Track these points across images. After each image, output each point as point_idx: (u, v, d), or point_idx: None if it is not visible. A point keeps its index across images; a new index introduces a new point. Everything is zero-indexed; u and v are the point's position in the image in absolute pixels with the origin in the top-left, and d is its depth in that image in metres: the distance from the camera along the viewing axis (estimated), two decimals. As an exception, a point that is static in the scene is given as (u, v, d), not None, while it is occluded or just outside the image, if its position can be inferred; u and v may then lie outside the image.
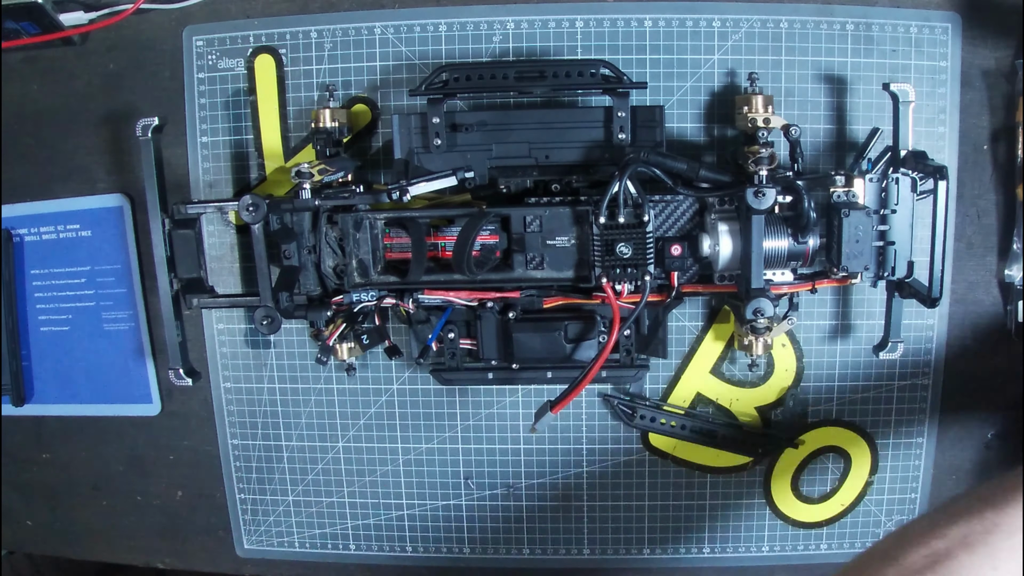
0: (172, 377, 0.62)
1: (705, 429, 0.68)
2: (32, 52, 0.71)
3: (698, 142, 0.66)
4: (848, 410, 0.69)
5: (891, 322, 0.62)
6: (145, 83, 0.70)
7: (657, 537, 0.72)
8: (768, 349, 0.61)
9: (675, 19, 0.65)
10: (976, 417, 0.69)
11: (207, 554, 0.77)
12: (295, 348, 0.71)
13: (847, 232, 0.56)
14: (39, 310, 0.75)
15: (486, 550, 0.73)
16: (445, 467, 0.72)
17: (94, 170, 0.72)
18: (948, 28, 0.64)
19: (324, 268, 0.60)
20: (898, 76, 0.64)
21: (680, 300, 0.61)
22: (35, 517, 0.80)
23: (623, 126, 0.60)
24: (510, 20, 0.66)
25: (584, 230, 0.57)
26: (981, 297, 0.68)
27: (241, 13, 0.68)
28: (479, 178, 0.61)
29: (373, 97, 0.67)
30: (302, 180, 0.56)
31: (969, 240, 0.67)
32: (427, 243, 0.58)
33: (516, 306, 0.61)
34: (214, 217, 0.69)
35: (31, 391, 0.76)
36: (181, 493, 0.76)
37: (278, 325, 0.57)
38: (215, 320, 0.72)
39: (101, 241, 0.73)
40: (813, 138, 0.65)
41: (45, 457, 0.78)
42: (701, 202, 0.59)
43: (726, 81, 0.65)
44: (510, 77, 0.59)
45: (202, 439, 0.74)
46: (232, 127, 0.69)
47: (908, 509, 0.70)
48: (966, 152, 0.66)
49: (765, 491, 0.71)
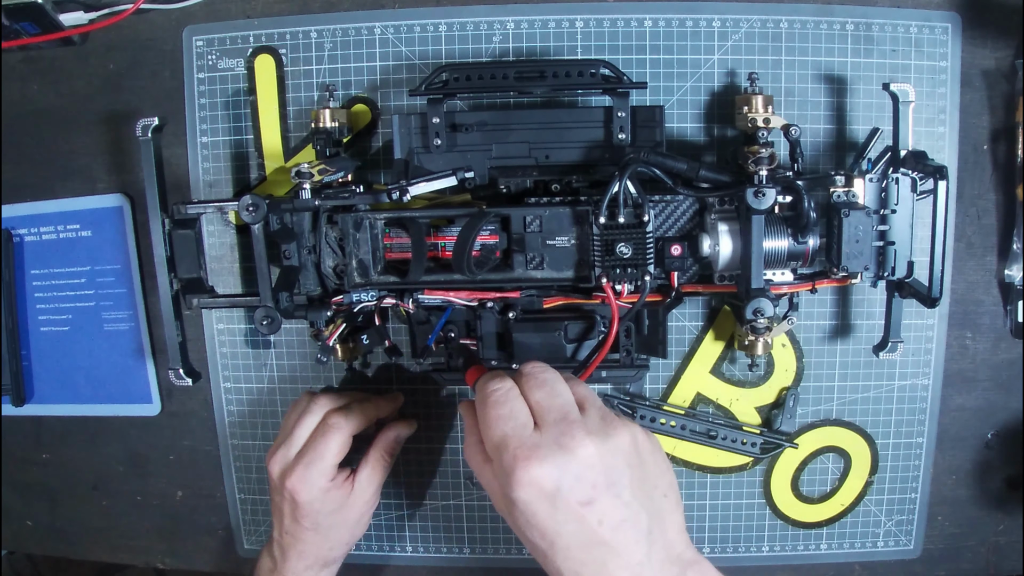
0: (172, 377, 0.62)
1: (705, 429, 0.68)
2: (32, 52, 0.71)
3: (698, 142, 0.66)
4: (848, 410, 0.69)
5: (891, 322, 0.62)
6: (145, 83, 0.70)
7: (657, 537, 0.72)
8: (768, 349, 0.61)
9: (675, 19, 0.65)
10: (976, 417, 0.69)
11: (207, 554, 0.77)
12: (295, 348, 0.71)
13: (847, 232, 0.56)
14: (39, 310, 0.75)
15: (486, 550, 0.73)
16: (445, 467, 0.72)
17: (94, 170, 0.72)
18: (948, 28, 0.64)
19: (324, 268, 0.60)
20: (898, 76, 0.64)
21: (680, 300, 0.61)
22: (35, 517, 0.80)
23: (623, 126, 0.60)
24: (510, 20, 0.66)
25: (584, 230, 0.57)
26: (981, 297, 0.68)
27: (241, 13, 0.68)
28: (479, 178, 0.61)
29: (373, 97, 0.67)
30: (302, 180, 0.56)
31: (969, 240, 0.67)
32: (427, 243, 0.58)
33: (516, 306, 0.61)
34: (214, 217, 0.69)
35: (31, 391, 0.76)
36: (181, 493, 0.76)
37: (278, 325, 0.57)
38: (215, 320, 0.72)
39: (101, 241, 0.73)
40: (813, 138, 0.65)
41: (45, 457, 0.78)
42: (701, 202, 0.59)
43: (726, 81, 0.65)
44: (510, 77, 0.59)
45: (202, 439, 0.74)
46: (232, 127, 0.69)
47: (908, 509, 0.70)
48: (966, 152, 0.66)
49: (765, 491, 0.71)
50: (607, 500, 0.45)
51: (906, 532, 0.71)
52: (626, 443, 0.47)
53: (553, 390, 0.49)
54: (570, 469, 0.45)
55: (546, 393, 0.49)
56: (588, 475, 0.45)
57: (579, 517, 0.44)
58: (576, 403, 0.49)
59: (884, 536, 0.71)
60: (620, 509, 0.45)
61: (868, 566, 0.72)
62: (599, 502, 0.44)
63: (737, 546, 0.72)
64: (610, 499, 0.45)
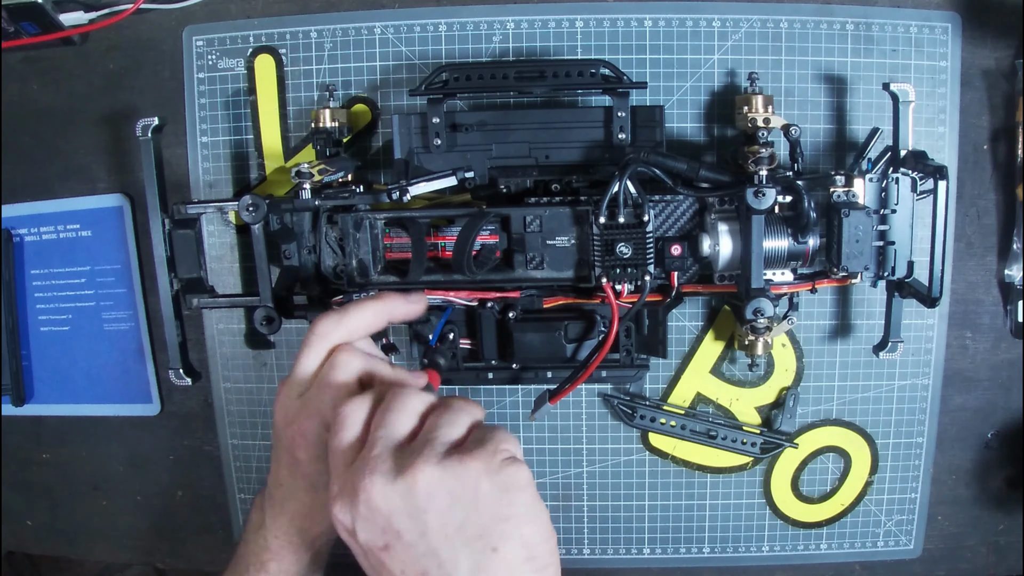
0: (172, 377, 0.62)
1: (705, 429, 0.68)
2: (32, 52, 0.71)
3: (698, 142, 0.66)
4: (848, 410, 0.69)
5: (891, 322, 0.62)
6: (145, 83, 0.70)
7: (657, 537, 0.72)
8: (768, 349, 0.61)
9: (675, 19, 0.65)
10: (976, 417, 0.69)
11: (207, 554, 0.77)
12: (295, 348, 0.71)
13: (847, 232, 0.55)
14: (39, 310, 0.75)
15: (486, 550, 0.73)
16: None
17: (94, 170, 0.72)
18: (948, 28, 0.64)
19: (324, 268, 0.60)
20: (898, 76, 0.64)
21: (680, 300, 0.61)
22: (35, 517, 0.80)
23: (623, 126, 0.60)
24: (510, 20, 0.66)
25: (584, 230, 0.57)
26: (981, 297, 0.68)
27: (241, 13, 0.68)
28: (479, 178, 0.61)
29: (373, 97, 0.67)
30: (302, 180, 0.56)
31: (969, 240, 0.67)
32: (427, 243, 0.58)
33: (516, 306, 0.61)
34: (214, 217, 0.69)
35: (31, 391, 0.76)
36: (181, 493, 0.76)
37: (278, 325, 0.57)
38: (215, 320, 0.72)
39: (101, 241, 0.73)
40: (813, 138, 0.65)
41: (45, 457, 0.78)
42: (701, 202, 0.59)
43: (726, 81, 0.65)
44: (510, 77, 0.59)
45: (202, 439, 0.74)
46: (232, 127, 0.69)
47: (908, 509, 0.70)
48: (966, 152, 0.66)
49: (765, 491, 0.71)
50: (400, 548, 0.40)
51: (906, 532, 0.71)
52: (429, 486, 0.39)
53: (388, 416, 0.43)
54: (359, 512, 0.40)
55: (381, 417, 0.43)
56: (378, 520, 0.40)
57: (380, 563, 0.41)
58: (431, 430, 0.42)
59: (884, 536, 0.71)
60: (420, 560, 0.40)
61: (868, 566, 0.72)
62: (394, 549, 0.40)
63: (737, 546, 0.72)
64: (402, 547, 0.40)
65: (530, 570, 0.41)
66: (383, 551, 0.40)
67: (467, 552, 0.39)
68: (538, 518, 0.42)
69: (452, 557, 0.39)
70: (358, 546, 0.41)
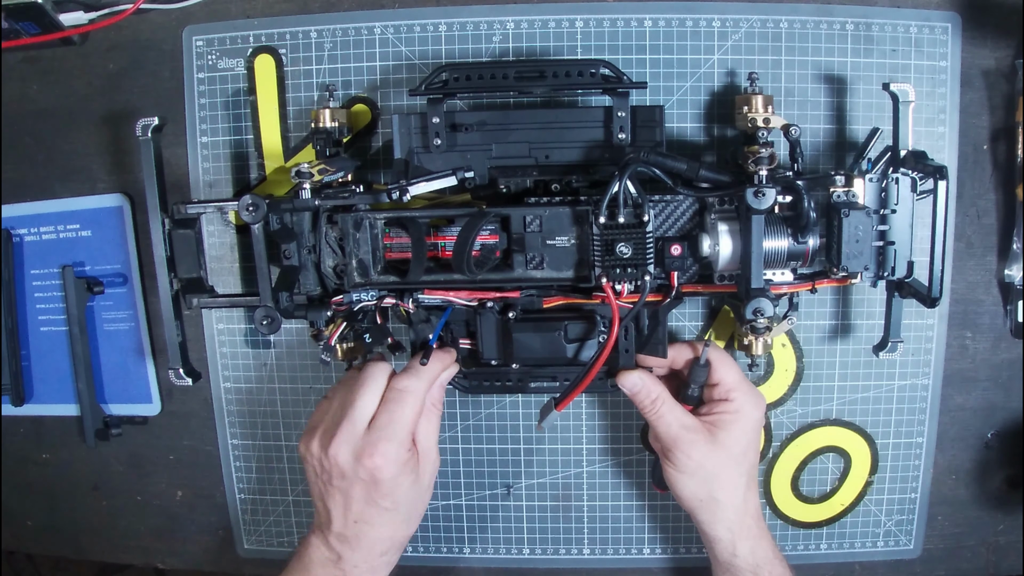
0: (172, 377, 0.62)
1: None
2: (32, 52, 0.71)
3: (698, 142, 0.66)
4: (848, 410, 0.69)
5: (891, 322, 0.62)
6: (145, 83, 0.70)
7: (657, 537, 0.72)
8: (768, 349, 0.61)
9: (675, 19, 0.65)
10: (976, 417, 0.70)
11: (207, 554, 0.77)
12: (295, 348, 0.71)
13: (847, 232, 0.55)
14: (39, 310, 0.75)
15: (486, 550, 0.73)
16: (445, 467, 0.72)
17: (94, 170, 0.72)
18: (948, 28, 0.64)
19: (324, 268, 0.60)
20: (898, 76, 0.64)
21: (680, 300, 0.61)
22: (35, 517, 0.80)
23: (623, 126, 0.60)
24: (510, 20, 0.66)
25: (584, 230, 0.57)
26: (981, 297, 0.68)
27: (241, 13, 0.68)
28: (479, 178, 0.61)
29: (373, 97, 0.67)
30: (302, 180, 0.56)
31: (969, 240, 0.67)
32: (427, 243, 0.58)
33: (516, 306, 0.61)
34: (214, 217, 0.69)
35: (31, 391, 0.76)
36: (181, 493, 0.76)
37: (278, 325, 0.57)
38: (215, 320, 0.72)
39: (101, 241, 0.73)
40: (813, 138, 0.65)
41: (45, 457, 0.78)
42: (701, 202, 0.59)
43: (726, 81, 0.65)
44: (510, 77, 0.59)
45: (202, 439, 0.74)
46: (232, 127, 0.69)
47: (908, 509, 0.70)
48: (966, 152, 0.66)
49: (765, 491, 0.71)
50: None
51: (906, 532, 0.71)
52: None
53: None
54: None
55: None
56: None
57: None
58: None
59: (884, 536, 0.71)
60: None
61: (868, 566, 0.72)
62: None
63: (737, 546, 0.71)
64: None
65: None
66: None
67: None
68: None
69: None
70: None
